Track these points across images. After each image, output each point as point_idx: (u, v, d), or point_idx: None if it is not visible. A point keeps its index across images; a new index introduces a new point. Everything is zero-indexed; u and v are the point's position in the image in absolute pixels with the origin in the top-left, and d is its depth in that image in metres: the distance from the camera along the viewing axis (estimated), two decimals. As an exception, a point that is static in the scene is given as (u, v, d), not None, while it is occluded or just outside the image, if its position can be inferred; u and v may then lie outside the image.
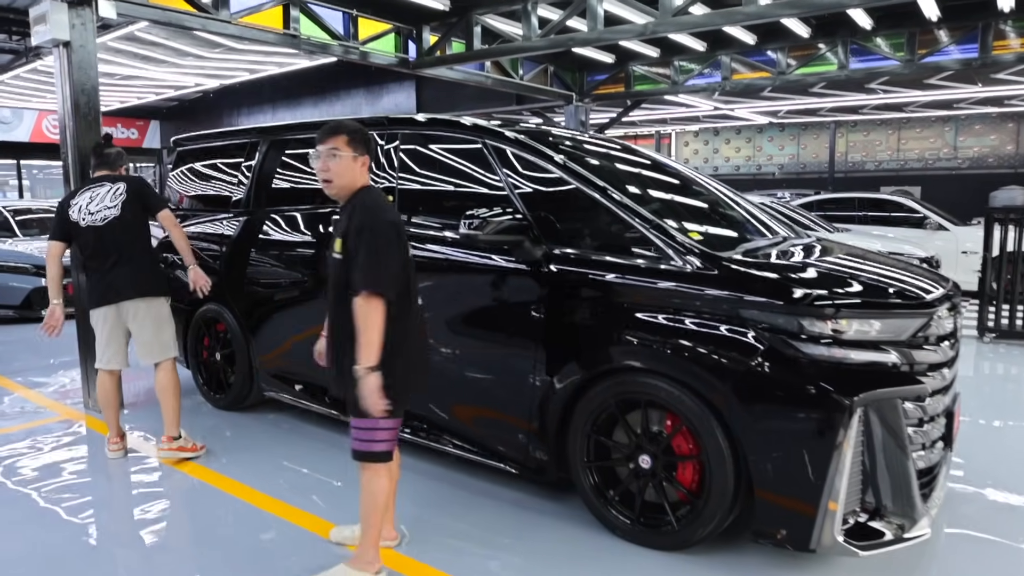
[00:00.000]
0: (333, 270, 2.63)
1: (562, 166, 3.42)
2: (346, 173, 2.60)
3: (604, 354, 3.10)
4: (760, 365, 2.73)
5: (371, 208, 2.55)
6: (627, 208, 3.19)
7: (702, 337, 2.85)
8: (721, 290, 2.85)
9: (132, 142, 20.58)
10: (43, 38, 4.71)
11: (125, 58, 10.27)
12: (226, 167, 5.17)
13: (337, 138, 2.60)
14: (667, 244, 3.03)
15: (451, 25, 7.48)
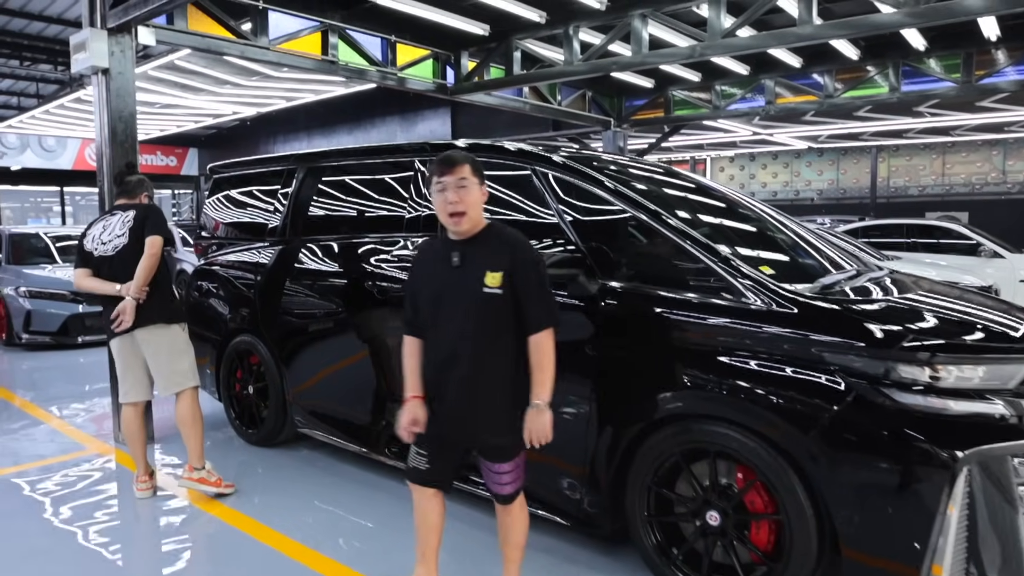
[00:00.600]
0: (480, 306, 2.41)
1: (618, 193, 3.19)
2: (477, 203, 2.46)
3: (667, 399, 2.84)
4: (847, 415, 2.45)
5: (525, 241, 2.51)
6: (692, 239, 2.94)
7: (780, 382, 2.57)
8: (801, 331, 2.58)
9: (171, 169, 20.93)
10: (82, 65, 4.66)
11: (165, 87, 10.38)
12: (262, 195, 5.05)
13: (463, 167, 2.44)
14: (739, 280, 2.77)
15: (490, 50, 7.37)
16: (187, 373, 3.96)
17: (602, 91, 10.02)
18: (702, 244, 2.91)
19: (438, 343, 2.49)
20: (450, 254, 2.49)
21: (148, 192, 4.15)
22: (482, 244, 2.47)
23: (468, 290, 2.42)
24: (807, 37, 5.61)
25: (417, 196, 3.90)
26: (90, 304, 8.51)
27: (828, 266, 3.40)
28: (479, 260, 2.43)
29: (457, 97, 7.59)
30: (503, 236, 2.49)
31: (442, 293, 2.48)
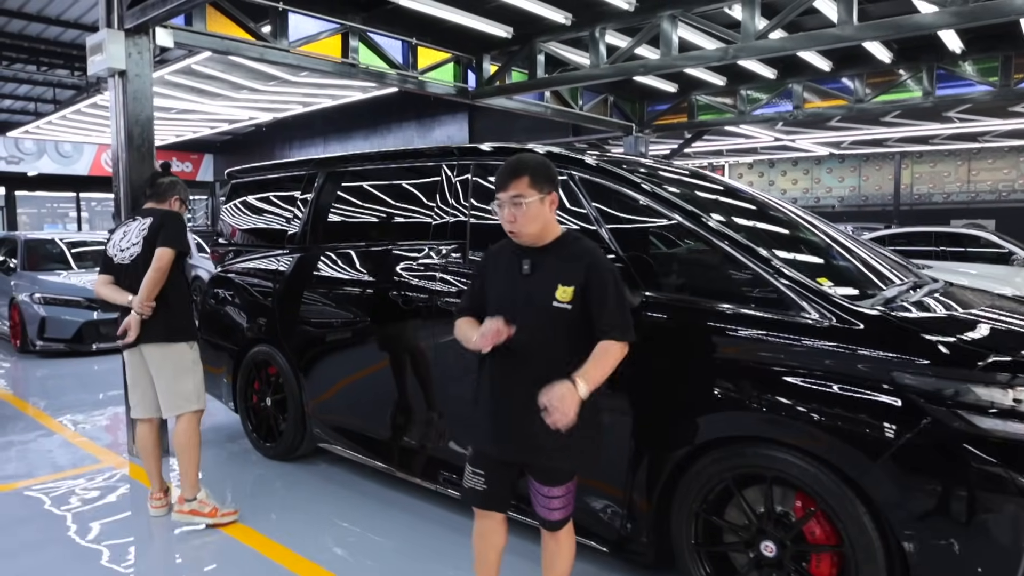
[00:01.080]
0: (549, 320, 2.31)
1: (661, 198, 3.00)
2: (536, 219, 2.32)
3: (718, 420, 2.64)
4: (919, 440, 2.24)
5: (602, 256, 2.40)
6: (743, 248, 2.74)
7: (845, 404, 2.37)
8: (868, 349, 2.38)
9: (186, 175, 20.95)
10: (99, 67, 4.54)
11: (181, 92, 10.31)
12: (281, 200, 4.90)
13: (518, 182, 2.29)
14: (797, 292, 2.57)
15: (512, 53, 7.21)
16: (189, 395, 3.70)
17: (624, 96, 9.84)
18: (755, 253, 2.71)
19: (500, 352, 2.34)
20: (521, 261, 2.39)
21: (180, 195, 3.88)
22: (555, 254, 2.35)
23: (537, 302, 2.32)
24: (845, 39, 5.41)
25: (444, 202, 3.73)
26: (105, 311, 8.42)
27: (883, 278, 3.19)
28: (551, 271, 2.33)
29: (478, 101, 7.43)
30: (577, 247, 2.38)
31: (510, 301, 2.37)
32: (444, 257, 3.64)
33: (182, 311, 3.71)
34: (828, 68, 8.08)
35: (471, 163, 3.67)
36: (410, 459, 3.82)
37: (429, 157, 3.97)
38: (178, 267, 3.68)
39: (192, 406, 3.70)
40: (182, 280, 3.74)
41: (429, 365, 3.67)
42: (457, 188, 3.69)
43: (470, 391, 2.57)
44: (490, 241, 3.59)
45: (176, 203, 3.86)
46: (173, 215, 3.77)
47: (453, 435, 3.59)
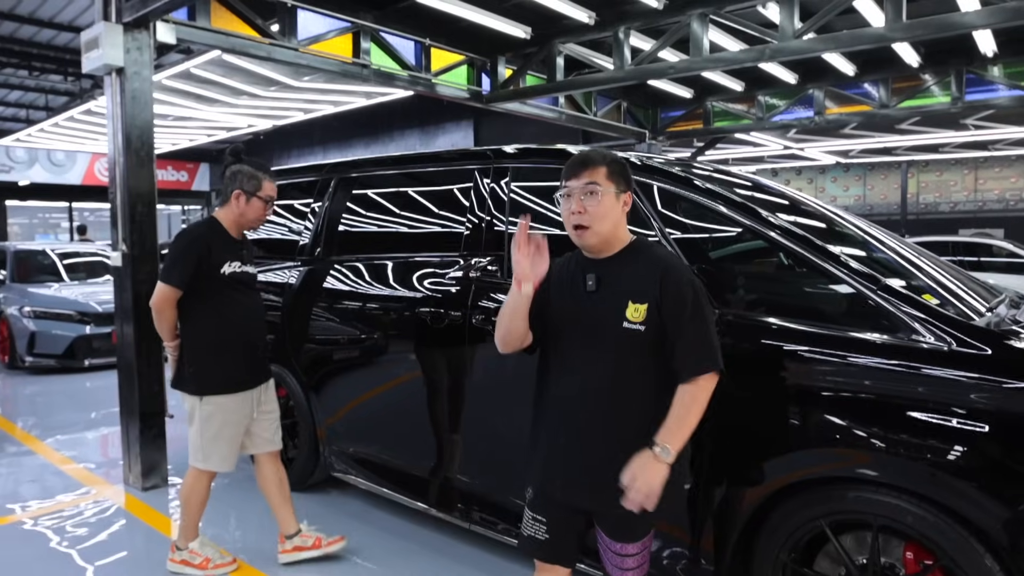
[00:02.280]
0: (618, 344, 1.98)
1: (735, 204, 2.67)
2: (609, 215, 2.01)
3: (811, 457, 2.30)
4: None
5: (680, 265, 2.07)
6: (835, 259, 2.41)
7: (974, 442, 2.03)
8: (1000, 377, 2.04)
9: (182, 184, 20.57)
10: (94, 64, 4.19)
11: (179, 97, 9.96)
12: (291, 209, 4.55)
13: (595, 170, 2.01)
14: (904, 311, 2.24)
15: (528, 56, 6.90)
16: (195, 449, 3.14)
17: (637, 102, 9.55)
18: (857, 269, 2.38)
19: (563, 379, 2.06)
20: (585, 275, 2.06)
21: (243, 187, 3.04)
22: (624, 266, 2.03)
23: (604, 323, 1.99)
24: (889, 38, 5.12)
25: (477, 210, 3.39)
26: (98, 325, 8.05)
27: (978, 296, 2.86)
28: (620, 286, 2.00)
29: (492, 106, 7.11)
30: (651, 257, 2.04)
31: (573, 322, 2.05)
32: (479, 271, 3.30)
33: (191, 358, 3.08)
34: (852, 72, 7.80)
35: (510, 166, 3.34)
36: (447, 496, 3.44)
37: (458, 160, 3.63)
38: (194, 303, 3.03)
39: (195, 462, 3.16)
40: (200, 319, 3.05)
41: (463, 390, 3.31)
42: (493, 194, 3.35)
43: (529, 426, 2.23)
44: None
45: (238, 199, 3.05)
46: (179, 235, 3.12)
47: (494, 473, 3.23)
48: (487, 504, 3.23)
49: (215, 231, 3.08)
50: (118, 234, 4.32)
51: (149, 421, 4.40)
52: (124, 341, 4.43)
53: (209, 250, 2.99)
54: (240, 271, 3.12)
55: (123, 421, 4.51)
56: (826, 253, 2.43)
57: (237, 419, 3.13)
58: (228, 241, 3.10)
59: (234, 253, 3.10)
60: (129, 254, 4.30)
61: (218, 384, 3.07)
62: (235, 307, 3.10)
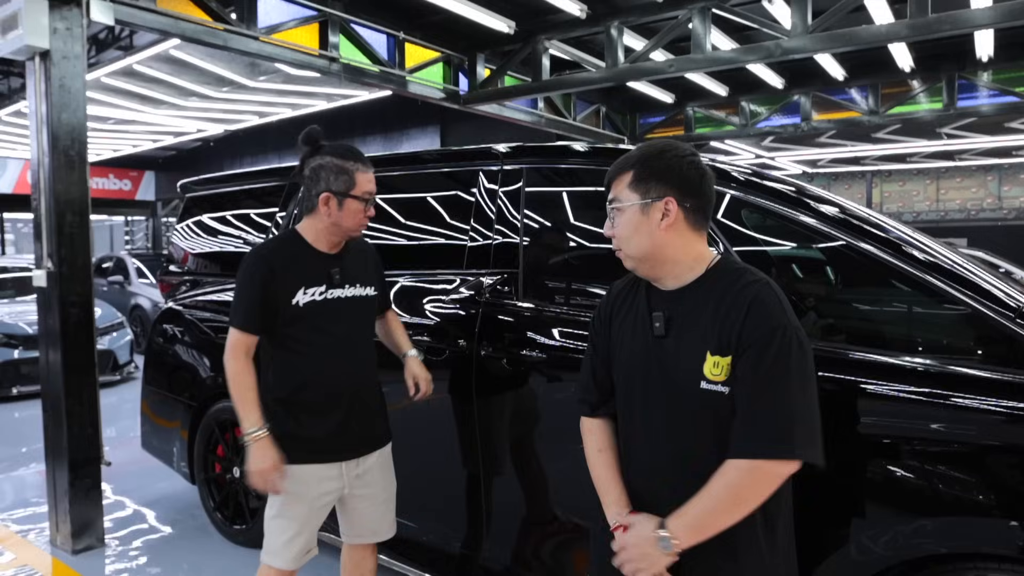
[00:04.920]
0: (694, 410, 1.48)
1: (820, 214, 2.18)
2: (636, 232, 1.53)
3: (937, 528, 1.81)
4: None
5: (775, 299, 1.45)
6: (970, 285, 1.93)
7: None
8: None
9: (125, 194, 19.44)
10: (13, 47, 3.50)
11: (120, 98, 9.14)
12: (251, 219, 3.93)
13: (619, 179, 1.56)
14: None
15: (509, 53, 6.39)
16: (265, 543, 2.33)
17: (616, 107, 9.14)
18: (986, 292, 1.90)
19: (639, 445, 1.58)
20: (651, 314, 1.54)
21: (331, 188, 2.21)
22: (702, 301, 1.49)
23: (674, 379, 1.49)
24: (888, 37, 4.76)
25: (483, 220, 2.84)
26: (27, 349, 7.22)
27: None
28: (696, 330, 1.48)
29: (470, 107, 6.57)
30: (739, 286, 1.47)
31: (641, 373, 1.55)
32: (487, 291, 2.74)
33: (272, 418, 2.27)
34: (842, 77, 7.52)
35: (524, 167, 2.80)
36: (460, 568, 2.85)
37: (459, 161, 3.08)
38: (264, 344, 2.27)
39: (263, 556, 2.32)
40: (268, 364, 2.28)
41: (469, 441, 2.74)
42: (504, 201, 2.80)
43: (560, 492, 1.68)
44: (555, 269, 2.78)
45: (328, 205, 2.22)
46: (249, 256, 2.27)
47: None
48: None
49: (287, 247, 2.27)
50: (43, 249, 3.63)
51: (81, 470, 3.70)
52: (49, 373, 3.73)
53: (272, 273, 2.19)
54: (326, 298, 2.25)
55: (49, 470, 3.80)
56: (951, 276, 1.95)
57: (313, 496, 2.26)
58: (310, 259, 2.25)
59: (318, 275, 2.24)
60: (56, 272, 3.61)
61: (298, 451, 2.24)
62: (316, 349, 2.24)
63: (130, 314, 10.21)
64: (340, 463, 2.29)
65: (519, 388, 2.62)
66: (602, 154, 2.63)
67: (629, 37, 5.84)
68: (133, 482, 4.70)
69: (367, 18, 5.46)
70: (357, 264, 2.36)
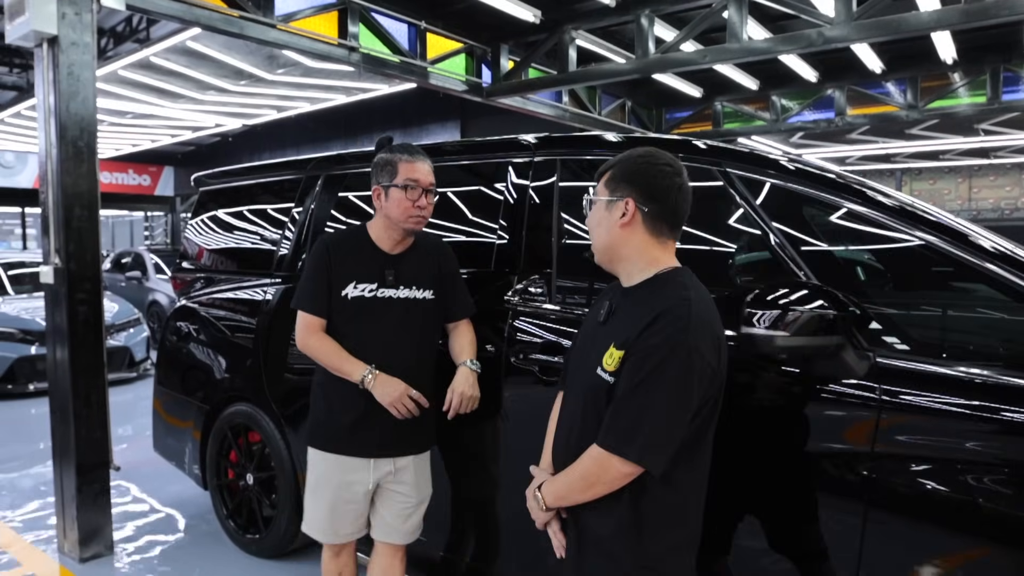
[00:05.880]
0: (587, 396, 1.65)
1: (889, 208, 1.96)
2: (598, 226, 1.70)
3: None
4: None
5: (684, 315, 1.51)
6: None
7: None
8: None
9: (144, 189, 19.49)
10: (21, 32, 3.35)
11: (138, 91, 9.04)
12: (266, 213, 3.76)
13: (601, 177, 1.73)
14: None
15: (534, 44, 6.17)
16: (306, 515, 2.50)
17: (642, 101, 8.88)
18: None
19: (561, 416, 1.82)
20: (604, 303, 1.75)
21: (379, 182, 2.31)
22: (637, 302, 1.63)
23: (588, 363, 1.66)
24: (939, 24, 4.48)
25: (516, 216, 2.63)
26: (43, 345, 7.14)
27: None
28: (619, 325, 1.63)
29: (494, 100, 6.35)
30: (663, 294, 1.58)
31: (578, 352, 1.79)
32: (517, 293, 2.54)
33: (313, 402, 2.45)
34: (879, 69, 7.21)
35: (558, 159, 2.59)
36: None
37: (486, 152, 2.87)
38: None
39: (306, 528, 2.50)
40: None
41: (495, 450, 2.55)
42: (536, 196, 2.60)
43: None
44: (593, 271, 2.57)
45: (379, 199, 2.31)
46: (318, 243, 2.39)
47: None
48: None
49: (350, 240, 2.38)
50: (50, 244, 3.48)
51: (89, 474, 3.55)
52: (57, 374, 3.58)
53: (329, 261, 2.31)
54: (376, 296, 2.29)
55: (56, 474, 3.65)
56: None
57: (337, 484, 2.36)
58: (368, 255, 2.32)
59: (372, 272, 2.30)
60: (64, 268, 3.46)
61: (318, 437, 2.39)
62: (354, 343, 2.29)
63: (147, 310, 10.15)
64: (368, 459, 2.32)
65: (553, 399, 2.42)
66: (642, 145, 2.42)
67: (659, 27, 5.60)
68: (145, 484, 4.57)
69: (388, 6, 5.27)
70: (418, 266, 2.37)
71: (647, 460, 1.49)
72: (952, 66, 7.05)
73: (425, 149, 3.23)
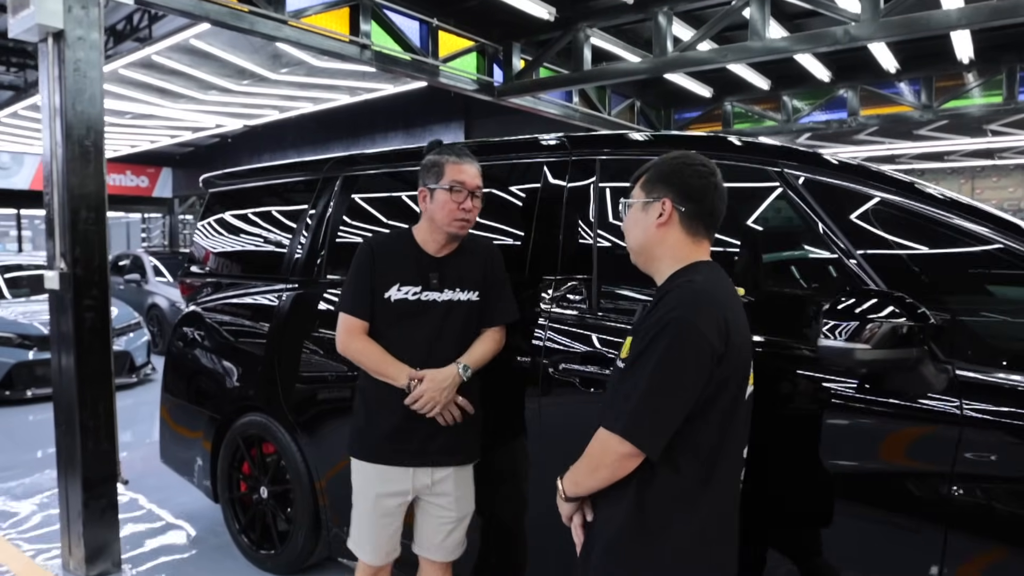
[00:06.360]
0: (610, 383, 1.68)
1: (971, 210, 1.85)
2: (633, 227, 1.72)
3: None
4: None
5: (678, 305, 1.51)
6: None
7: None
8: None
9: (142, 190, 19.30)
10: (25, 26, 3.21)
11: (138, 91, 8.88)
12: (280, 216, 3.63)
13: (638, 181, 1.74)
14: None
15: (547, 43, 6.04)
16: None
17: (650, 101, 8.76)
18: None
19: None
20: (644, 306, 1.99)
21: (425, 183, 2.25)
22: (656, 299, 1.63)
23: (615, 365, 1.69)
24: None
25: (553, 218, 2.50)
26: (42, 350, 6.98)
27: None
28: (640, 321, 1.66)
29: (504, 100, 6.23)
30: (668, 290, 1.59)
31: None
32: (555, 299, 2.41)
33: (355, 409, 2.38)
34: (894, 69, 7.10)
35: (597, 159, 2.46)
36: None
37: (518, 152, 2.74)
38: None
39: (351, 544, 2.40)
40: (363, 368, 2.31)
41: (529, 469, 2.42)
42: (573, 197, 2.47)
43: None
44: (632, 275, 2.45)
45: (424, 201, 2.25)
46: (365, 242, 2.35)
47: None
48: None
49: (395, 242, 2.32)
50: (55, 247, 3.34)
51: (96, 489, 3.40)
52: (62, 383, 3.43)
53: (373, 262, 2.25)
54: (419, 299, 2.23)
55: (61, 489, 3.50)
56: None
57: (374, 496, 2.28)
58: (413, 257, 2.26)
59: (415, 274, 2.24)
60: (70, 273, 3.32)
61: (356, 446, 2.32)
62: (397, 348, 2.22)
63: (147, 313, 9.98)
64: (409, 468, 2.24)
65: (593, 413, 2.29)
66: (689, 143, 2.30)
67: (676, 26, 5.48)
68: (152, 495, 4.42)
69: (400, 3, 5.14)
70: (464, 267, 2.29)
71: (637, 439, 1.46)
72: (968, 66, 6.96)
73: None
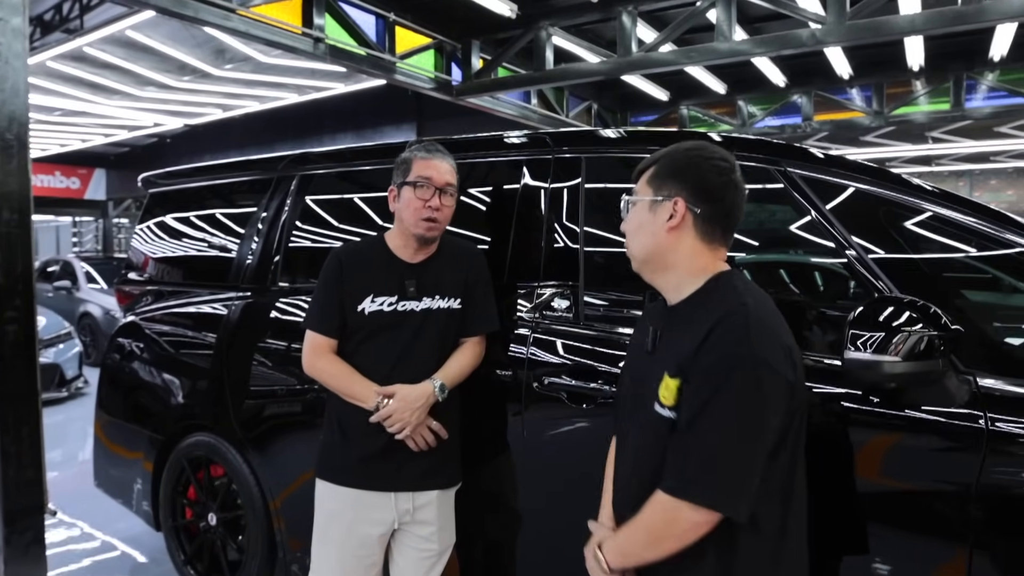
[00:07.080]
0: (648, 437, 1.41)
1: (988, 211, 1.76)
2: (639, 231, 1.47)
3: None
4: None
5: (745, 322, 1.28)
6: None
7: None
8: None
9: (73, 192, 18.39)
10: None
11: (69, 86, 8.36)
12: (228, 219, 3.37)
13: (641, 173, 1.50)
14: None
15: (507, 41, 5.88)
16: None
17: (606, 103, 8.72)
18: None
19: (620, 460, 1.56)
20: (650, 329, 1.50)
21: (393, 181, 2.11)
22: (685, 320, 1.39)
23: (644, 398, 1.42)
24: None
25: (535, 221, 2.34)
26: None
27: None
28: (669, 349, 1.41)
29: (462, 99, 6.04)
30: (717, 302, 1.36)
31: (628, 387, 1.55)
32: (537, 308, 2.24)
33: (325, 427, 2.19)
34: (847, 75, 7.21)
35: (583, 157, 2.31)
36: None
37: (495, 150, 2.56)
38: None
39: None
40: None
41: (514, 489, 2.24)
42: (558, 199, 2.31)
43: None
44: (622, 282, 2.29)
45: (393, 200, 2.10)
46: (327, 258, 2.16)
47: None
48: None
49: (366, 250, 2.15)
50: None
51: (20, 523, 3.06)
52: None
53: (342, 274, 2.07)
54: (395, 309, 2.04)
55: None
56: None
57: (348, 524, 2.07)
58: (386, 266, 2.08)
59: (390, 283, 2.06)
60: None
61: (327, 467, 2.12)
62: (373, 363, 2.05)
63: (79, 323, 9.40)
64: (389, 493, 2.05)
65: (581, 432, 2.13)
66: (678, 140, 2.16)
67: (640, 26, 5.39)
68: (88, 520, 4.09)
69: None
70: (444, 273, 2.10)
71: (723, 503, 1.26)
72: (917, 73, 7.11)
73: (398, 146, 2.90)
